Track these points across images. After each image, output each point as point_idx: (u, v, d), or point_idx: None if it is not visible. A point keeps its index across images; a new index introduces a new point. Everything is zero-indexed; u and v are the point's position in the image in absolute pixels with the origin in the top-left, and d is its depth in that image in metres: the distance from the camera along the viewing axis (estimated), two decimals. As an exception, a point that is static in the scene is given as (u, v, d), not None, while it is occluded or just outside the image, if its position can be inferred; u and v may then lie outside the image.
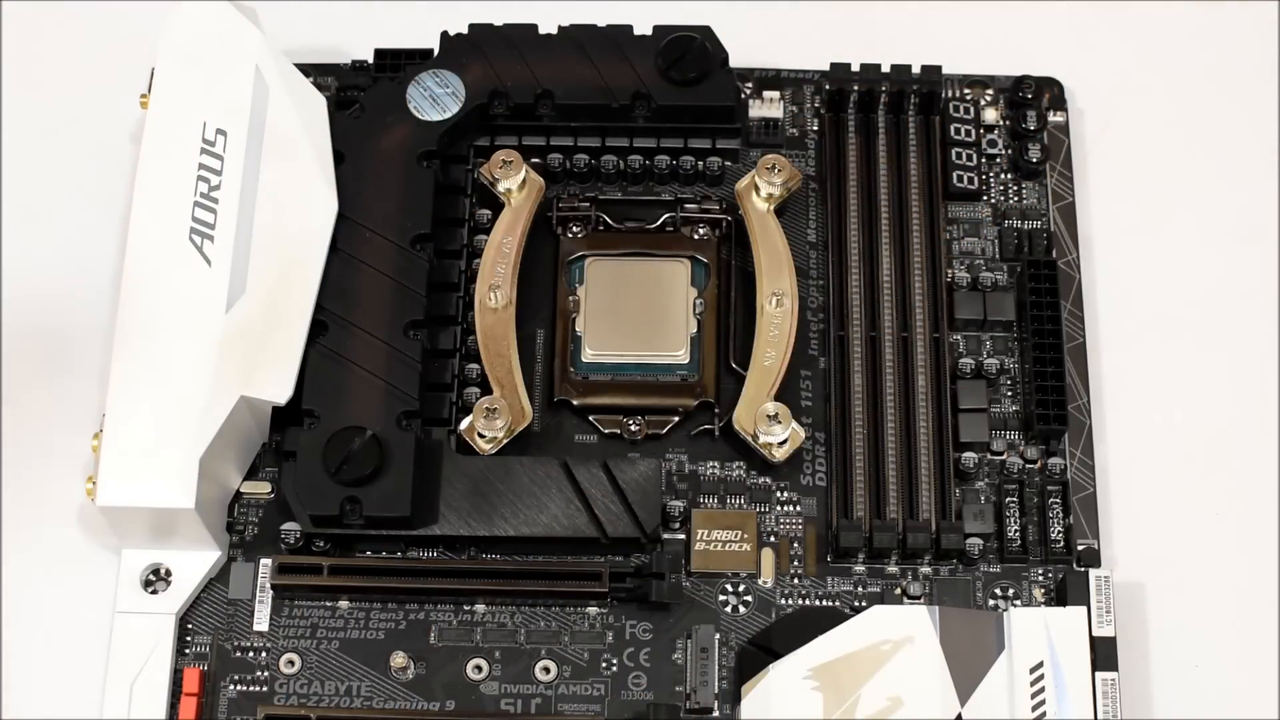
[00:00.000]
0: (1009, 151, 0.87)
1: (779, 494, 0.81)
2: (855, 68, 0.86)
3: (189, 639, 0.78)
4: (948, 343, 0.82)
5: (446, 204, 0.84)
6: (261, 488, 0.81)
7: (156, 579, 0.79)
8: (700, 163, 0.86)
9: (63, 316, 0.85)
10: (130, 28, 0.90)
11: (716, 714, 0.77)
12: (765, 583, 0.80)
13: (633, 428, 0.82)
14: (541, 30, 0.85)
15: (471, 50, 0.85)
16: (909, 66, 0.86)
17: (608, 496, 0.78)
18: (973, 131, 0.86)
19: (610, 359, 0.83)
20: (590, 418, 0.82)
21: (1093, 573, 0.77)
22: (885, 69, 0.86)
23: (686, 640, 0.78)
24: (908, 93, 0.86)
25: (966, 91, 0.88)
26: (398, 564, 0.79)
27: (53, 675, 0.79)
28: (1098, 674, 0.75)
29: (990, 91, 0.88)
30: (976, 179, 0.86)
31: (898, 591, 0.79)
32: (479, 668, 0.78)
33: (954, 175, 0.85)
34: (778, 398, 0.80)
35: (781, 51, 0.89)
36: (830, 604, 0.79)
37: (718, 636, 0.78)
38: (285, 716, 0.76)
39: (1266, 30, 0.91)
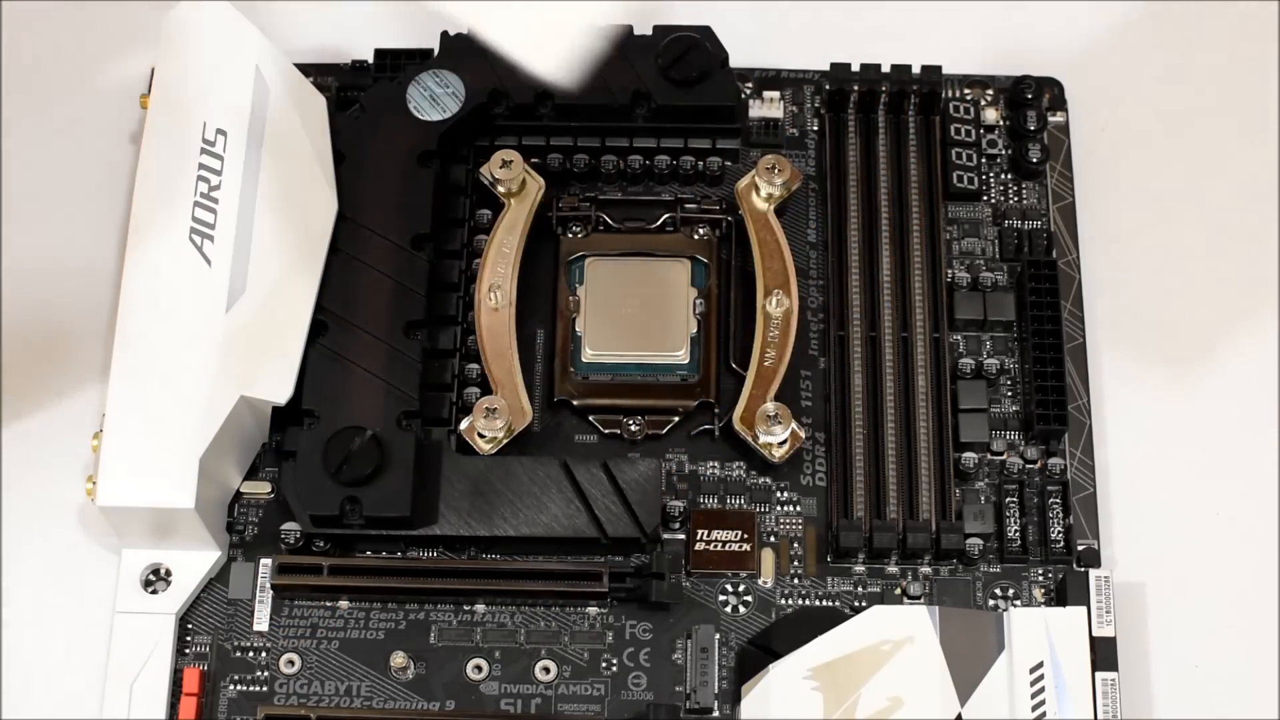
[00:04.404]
0: (1009, 151, 0.87)
1: (779, 494, 0.81)
2: (855, 68, 0.86)
3: (189, 639, 0.78)
4: (948, 343, 0.82)
5: (446, 204, 0.84)
6: (261, 488, 0.81)
7: (156, 579, 0.79)
8: (700, 163, 0.86)
9: (63, 316, 0.85)
10: (130, 28, 0.90)
11: (716, 714, 0.77)
12: (765, 583, 0.80)
13: (633, 428, 0.82)
14: (541, 30, 0.85)
15: (471, 50, 0.85)
16: (909, 66, 0.86)
17: (608, 496, 0.78)
18: (973, 131, 0.86)
19: (610, 359, 0.83)
20: (590, 418, 0.82)
21: (1093, 573, 0.77)
22: (885, 69, 0.86)
23: (686, 640, 0.78)
24: (908, 93, 0.86)
25: (966, 91, 0.88)
26: (398, 564, 0.79)
27: (53, 675, 0.79)
28: (1098, 674, 0.75)
29: (990, 91, 0.88)
30: (976, 179, 0.86)
31: (898, 591, 0.79)
32: (479, 668, 0.78)
33: (954, 175, 0.85)
34: (778, 398, 0.80)
35: (781, 51, 0.89)
36: (830, 604, 0.79)
37: (718, 636, 0.78)
38: (285, 716, 0.76)
39: (1266, 30, 0.91)
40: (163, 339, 0.77)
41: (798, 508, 0.81)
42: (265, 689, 0.78)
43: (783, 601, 0.79)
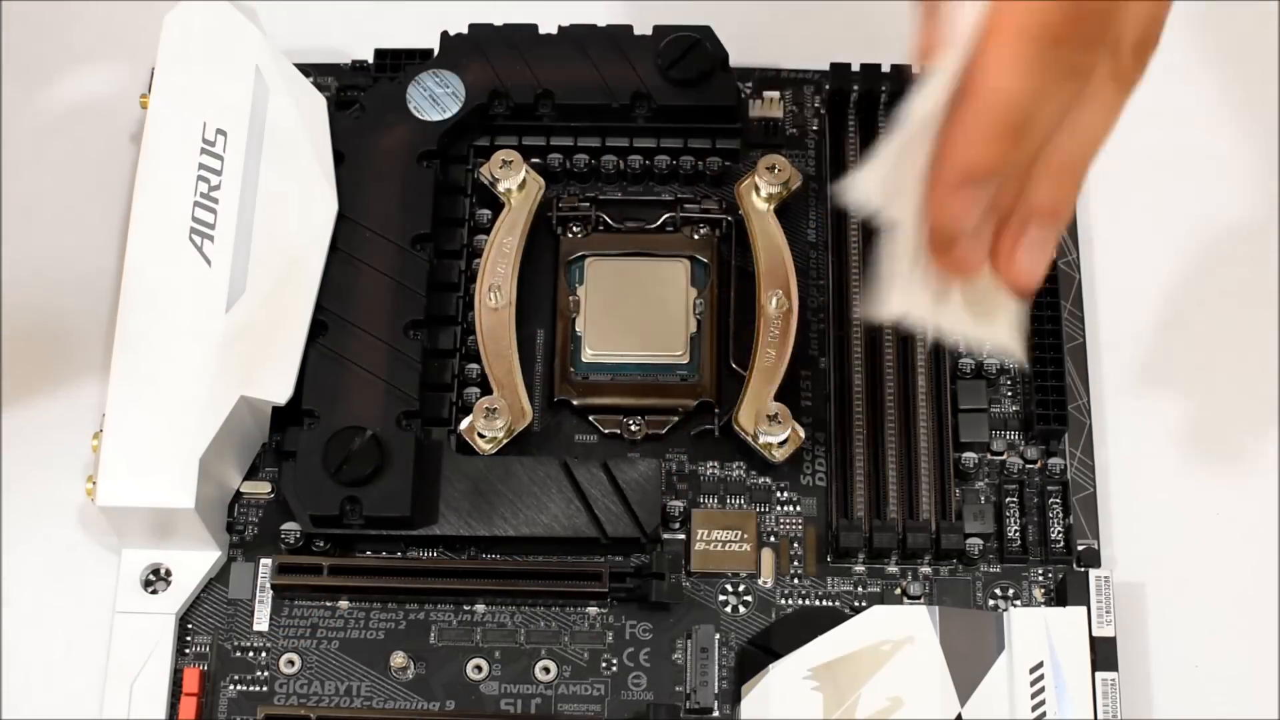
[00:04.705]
0: (1009, 151, 0.87)
1: (779, 494, 0.81)
2: (855, 68, 0.86)
3: (189, 639, 0.78)
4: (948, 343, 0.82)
5: (446, 204, 0.84)
6: (261, 488, 0.81)
7: (156, 579, 0.79)
8: (700, 163, 0.86)
9: (63, 317, 0.85)
10: (130, 28, 0.90)
11: (716, 714, 0.77)
12: (765, 583, 0.80)
13: (633, 428, 0.82)
14: (541, 30, 0.85)
15: (471, 50, 0.85)
16: (909, 66, 0.86)
17: (608, 496, 0.78)
18: (973, 131, 0.86)
19: (610, 359, 0.83)
20: (590, 418, 0.82)
21: (1093, 573, 0.77)
22: (885, 69, 0.86)
23: (686, 640, 0.78)
24: (908, 93, 0.85)
25: (966, 91, 0.87)
26: (398, 564, 0.79)
27: (53, 675, 0.79)
28: (1098, 674, 0.75)
29: (990, 91, 0.88)
30: (976, 179, 0.86)
31: (898, 591, 0.79)
32: (479, 668, 0.78)
33: (954, 175, 0.85)
34: (778, 398, 0.80)
35: (781, 51, 0.89)
36: (830, 604, 0.79)
37: (718, 636, 0.78)
38: (285, 716, 0.76)
39: (1266, 31, 0.91)
40: (163, 339, 0.77)
41: (798, 508, 0.81)
42: (265, 689, 0.78)
43: (783, 601, 0.79)
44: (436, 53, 0.85)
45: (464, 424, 0.80)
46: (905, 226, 0.65)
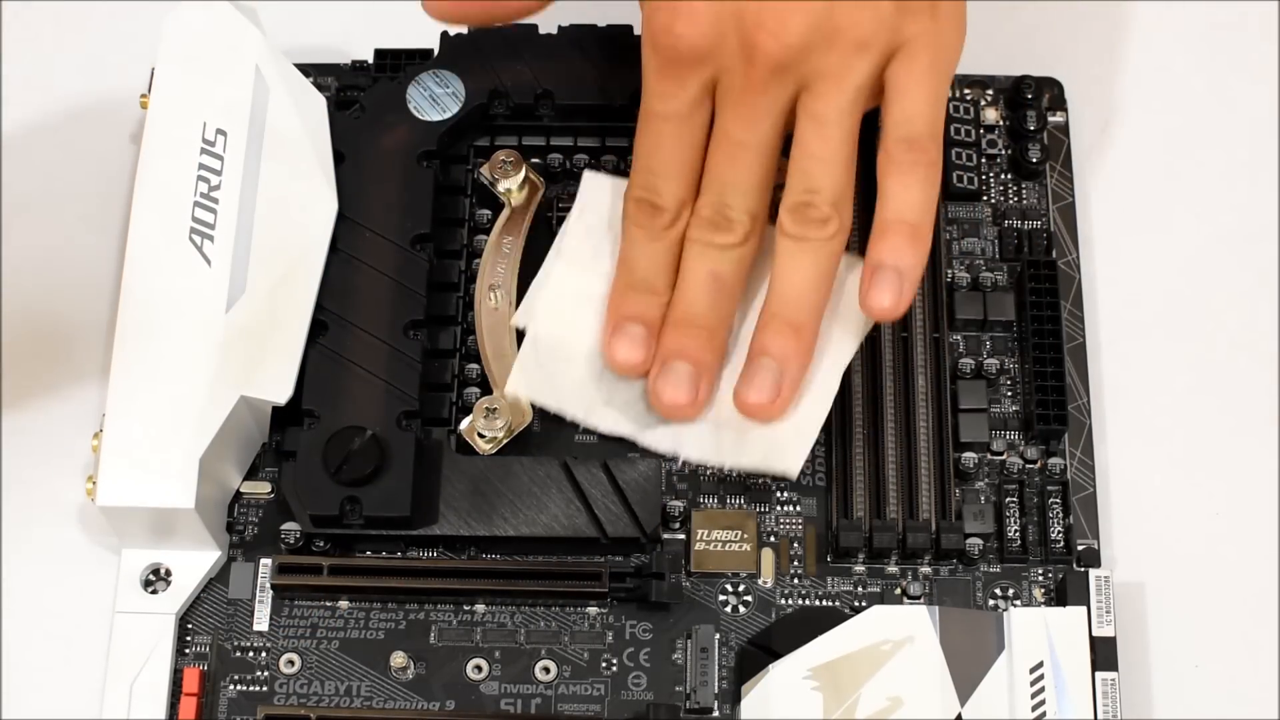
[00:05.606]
0: (1009, 152, 0.87)
1: (779, 494, 0.81)
2: (855, 68, 0.86)
3: (189, 639, 0.78)
4: (948, 343, 0.82)
5: (446, 204, 0.84)
6: (261, 488, 0.81)
7: (156, 579, 0.79)
8: (700, 163, 0.86)
9: (63, 317, 0.85)
10: (130, 28, 0.90)
11: (716, 714, 0.77)
12: (765, 583, 0.80)
13: (633, 428, 0.82)
14: (541, 30, 0.85)
15: (471, 50, 0.85)
16: (909, 67, 0.85)
17: (608, 496, 0.78)
18: (972, 132, 0.86)
19: (610, 359, 0.83)
20: (590, 418, 0.82)
21: (1093, 573, 0.77)
22: (884, 69, 0.85)
23: (686, 640, 0.78)
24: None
25: (966, 91, 0.88)
26: (398, 564, 0.79)
27: (53, 675, 0.79)
28: (1098, 674, 0.75)
29: (990, 91, 0.88)
30: (976, 179, 0.86)
31: (898, 591, 0.79)
32: (479, 668, 0.78)
33: (954, 175, 0.85)
34: (778, 398, 0.80)
35: (781, 51, 0.89)
36: (830, 604, 0.79)
37: (718, 636, 0.78)
38: (285, 716, 0.76)
39: (1266, 30, 0.91)
40: (163, 339, 0.77)
41: (798, 508, 0.81)
42: (265, 689, 0.78)
43: (783, 601, 0.79)
44: (436, 53, 0.85)
45: (464, 424, 0.80)
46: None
